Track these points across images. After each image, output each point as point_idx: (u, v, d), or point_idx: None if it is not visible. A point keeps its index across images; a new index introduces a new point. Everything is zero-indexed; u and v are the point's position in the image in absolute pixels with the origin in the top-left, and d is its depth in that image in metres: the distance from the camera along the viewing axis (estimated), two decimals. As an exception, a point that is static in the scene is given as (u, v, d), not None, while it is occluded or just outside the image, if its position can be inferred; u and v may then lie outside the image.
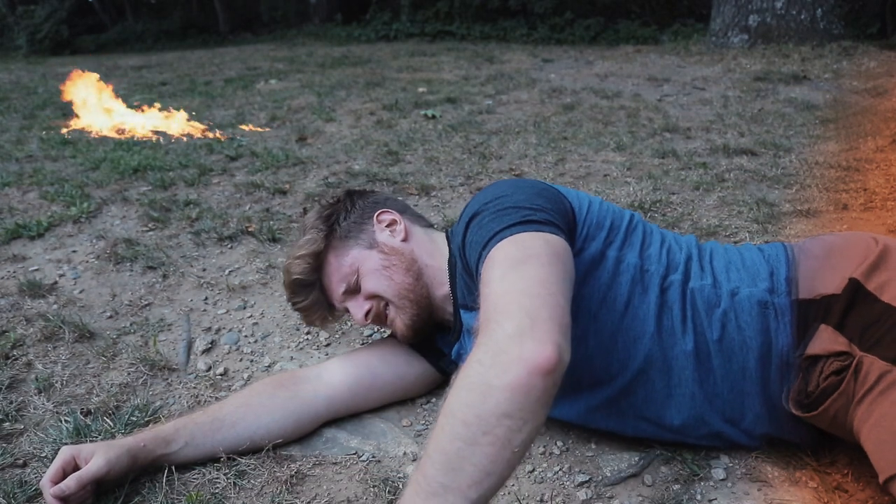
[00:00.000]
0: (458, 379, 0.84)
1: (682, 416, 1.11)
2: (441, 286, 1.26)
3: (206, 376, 1.53)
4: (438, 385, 1.42)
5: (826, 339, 1.03)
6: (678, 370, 1.09)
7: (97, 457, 1.09)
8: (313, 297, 1.31)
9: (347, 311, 1.31)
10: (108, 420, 1.33)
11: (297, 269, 1.28)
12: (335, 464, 1.22)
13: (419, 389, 1.40)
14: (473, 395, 0.80)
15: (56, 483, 1.06)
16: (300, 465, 1.21)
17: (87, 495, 1.09)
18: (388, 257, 1.26)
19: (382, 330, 1.67)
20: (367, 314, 1.27)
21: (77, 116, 4.42)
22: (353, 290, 1.28)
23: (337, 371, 1.32)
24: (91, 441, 1.26)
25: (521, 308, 0.85)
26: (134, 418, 1.34)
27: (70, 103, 4.69)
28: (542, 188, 1.13)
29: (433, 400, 1.40)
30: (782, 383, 1.07)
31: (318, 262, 1.29)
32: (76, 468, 1.09)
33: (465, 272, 1.13)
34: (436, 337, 1.37)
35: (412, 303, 1.25)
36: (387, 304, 1.27)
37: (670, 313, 1.10)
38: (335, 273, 1.29)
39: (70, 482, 1.05)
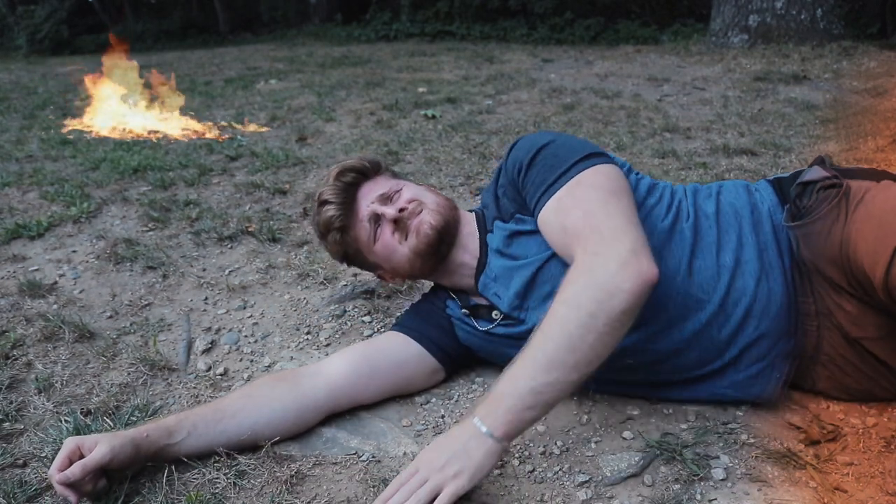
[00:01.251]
0: (580, 278, 1.05)
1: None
2: (467, 224, 1.40)
3: (206, 376, 1.53)
4: (439, 383, 1.43)
5: (818, 170, 1.22)
6: (678, 246, 1.24)
7: (101, 445, 1.10)
8: (350, 193, 1.38)
9: (373, 216, 1.36)
10: (108, 420, 1.33)
11: (350, 161, 1.40)
12: (335, 464, 1.22)
13: (420, 380, 1.40)
14: (602, 293, 1.02)
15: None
16: (300, 465, 1.21)
17: (92, 484, 1.09)
18: (429, 188, 1.44)
19: (382, 330, 1.67)
20: (401, 209, 1.34)
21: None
22: (391, 199, 1.37)
23: (336, 362, 1.34)
24: (91, 441, 1.26)
25: (628, 233, 1.08)
26: (134, 418, 1.34)
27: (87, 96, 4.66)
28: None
29: (433, 400, 1.40)
30: (777, 242, 1.22)
31: (368, 170, 1.41)
32: (81, 458, 1.10)
33: (512, 188, 1.30)
34: (446, 303, 1.42)
35: (446, 214, 1.36)
36: (421, 211, 1.34)
37: (684, 215, 1.28)
38: (377, 186, 1.39)
39: (75, 469, 1.06)
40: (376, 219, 1.36)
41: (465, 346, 1.42)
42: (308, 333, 1.69)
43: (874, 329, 1.14)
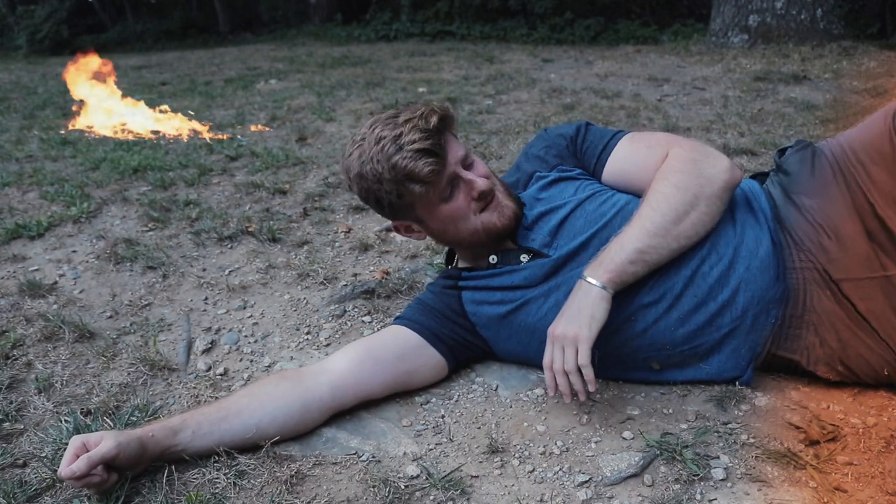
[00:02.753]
0: (685, 167, 1.27)
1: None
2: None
3: (206, 376, 1.53)
4: (440, 382, 1.43)
5: (792, 143, 1.38)
6: None
7: (106, 440, 1.10)
8: (443, 146, 1.30)
9: (455, 178, 1.32)
10: (108, 420, 1.33)
11: (439, 105, 1.32)
12: (335, 464, 1.22)
13: (423, 373, 1.40)
14: (703, 180, 1.25)
15: None
16: (300, 465, 1.21)
17: (100, 477, 1.09)
18: None
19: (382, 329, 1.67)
20: (487, 180, 1.34)
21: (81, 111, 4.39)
22: (467, 162, 1.35)
23: (339, 358, 1.35)
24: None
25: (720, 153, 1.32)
26: (134, 418, 1.34)
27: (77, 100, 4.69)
28: None
29: (433, 400, 1.40)
30: (757, 206, 1.34)
31: (453, 121, 1.35)
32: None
33: (553, 150, 1.47)
34: (461, 275, 1.45)
35: (517, 200, 1.40)
36: (495, 192, 1.36)
37: None
38: (453, 143, 1.34)
39: (80, 463, 1.06)
40: (454, 179, 1.32)
41: (469, 334, 1.42)
42: (308, 333, 1.69)
43: (855, 268, 1.21)
